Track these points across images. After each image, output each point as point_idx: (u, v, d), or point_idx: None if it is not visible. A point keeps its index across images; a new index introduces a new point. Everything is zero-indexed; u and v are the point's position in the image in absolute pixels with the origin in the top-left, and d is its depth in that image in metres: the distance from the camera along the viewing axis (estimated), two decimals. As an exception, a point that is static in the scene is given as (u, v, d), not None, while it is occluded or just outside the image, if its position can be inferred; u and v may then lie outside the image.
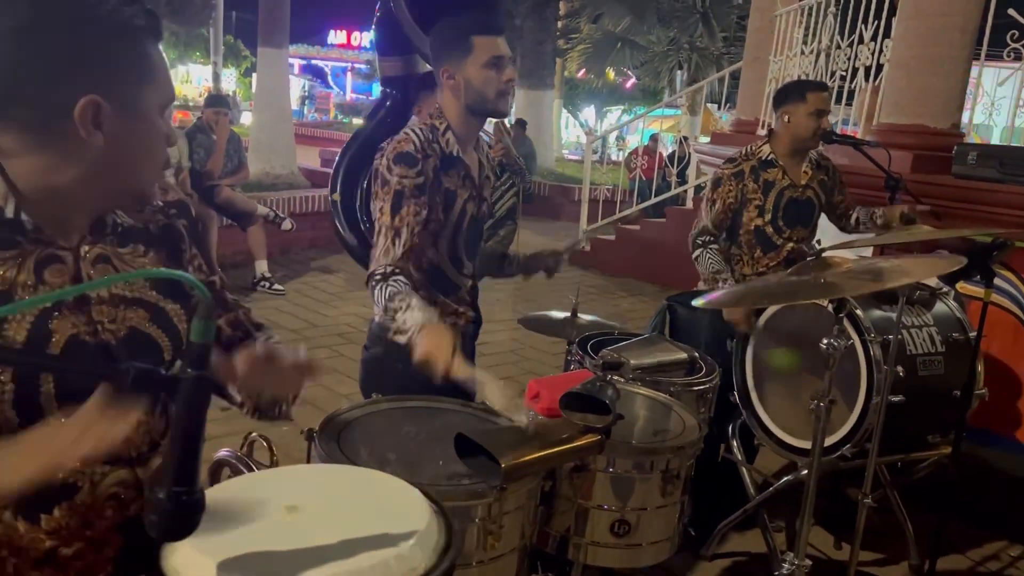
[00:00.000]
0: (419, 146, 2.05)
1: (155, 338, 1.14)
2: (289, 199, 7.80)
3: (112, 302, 1.11)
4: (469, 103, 2.07)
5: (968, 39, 4.17)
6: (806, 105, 3.05)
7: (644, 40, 16.23)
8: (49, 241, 1.06)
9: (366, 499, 1.21)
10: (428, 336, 1.78)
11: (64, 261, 1.07)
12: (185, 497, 0.82)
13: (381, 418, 1.81)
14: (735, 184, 3.11)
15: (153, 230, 1.21)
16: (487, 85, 2.03)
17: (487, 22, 2.05)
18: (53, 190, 1.04)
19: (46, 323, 1.04)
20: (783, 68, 6.10)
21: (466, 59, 2.03)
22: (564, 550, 1.91)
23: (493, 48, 2.02)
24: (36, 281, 1.04)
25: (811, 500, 2.10)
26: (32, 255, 1.04)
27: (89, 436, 0.88)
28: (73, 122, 0.99)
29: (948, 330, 2.79)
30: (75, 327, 1.06)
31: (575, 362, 2.52)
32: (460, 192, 2.13)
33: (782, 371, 2.84)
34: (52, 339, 1.04)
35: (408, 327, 1.83)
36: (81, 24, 0.99)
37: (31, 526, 1.04)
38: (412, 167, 2.02)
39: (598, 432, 1.63)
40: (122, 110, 1.02)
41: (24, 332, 1.02)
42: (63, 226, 1.08)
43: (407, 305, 1.87)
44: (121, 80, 1.02)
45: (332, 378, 4.64)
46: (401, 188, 2.01)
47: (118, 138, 1.03)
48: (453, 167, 2.11)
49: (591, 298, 6.67)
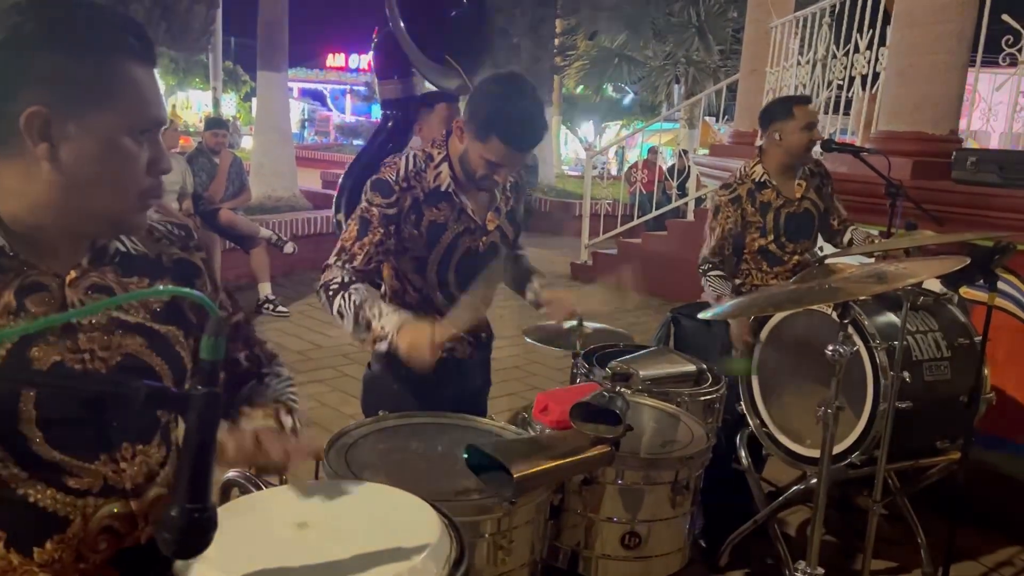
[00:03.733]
0: (401, 176, 2.04)
1: (152, 365, 1.12)
2: (291, 221, 7.83)
3: (106, 329, 1.09)
4: (462, 164, 2.06)
5: (964, 45, 4.20)
6: (795, 120, 3.06)
7: (641, 55, 16.34)
8: (32, 266, 1.05)
9: (376, 514, 1.21)
10: (407, 335, 1.82)
11: (48, 288, 1.05)
12: (197, 515, 0.82)
13: (388, 435, 1.81)
14: (733, 210, 3.12)
15: (166, 262, 1.20)
16: (478, 167, 2.01)
17: (514, 137, 1.96)
18: (22, 214, 1.03)
19: (25, 351, 1.02)
20: (780, 79, 6.14)
21: (475, 141, 1.98)
22: (575, 564, 1.90)
23: (501, 156, 1.97)
24: (17, 308, 1.02)
25: (821, 508, 2.09)
26: (14, 281, 1.03)
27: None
28: (20, 131, 0.98)
29: (953, 335, 2.79)
30: (60, 354, 1.04)
31: (581, 375, 2.52)
32: (452, 226, 2.09)
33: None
34: (32, 367, 1.02)
35: (387, 331, 1.85)
36: (40, 41, 0.98)
37: (24, 559, 1.03)
38: (386, 197, 2.02)
39: (609, 443, 1.63)
40: (79, 128, 1.00)
41: (0, 359, 1.00)
42: (48, 254, 1.06)
43: (379, 312, 1.90)
44: (77, 98, 1.00)
45: (337, 398, 4.64)
46: (368, 216, 2.03)
47: (75, 157, 1.01)
48: (441, 200, 2.07)
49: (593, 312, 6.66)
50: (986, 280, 2.51)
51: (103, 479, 1.07)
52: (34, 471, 1.02)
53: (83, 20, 1.01)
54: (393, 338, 1.84)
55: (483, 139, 1.96)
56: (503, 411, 2.53)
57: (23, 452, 1.01)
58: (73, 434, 1.04)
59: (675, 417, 2.15)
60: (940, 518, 2.85)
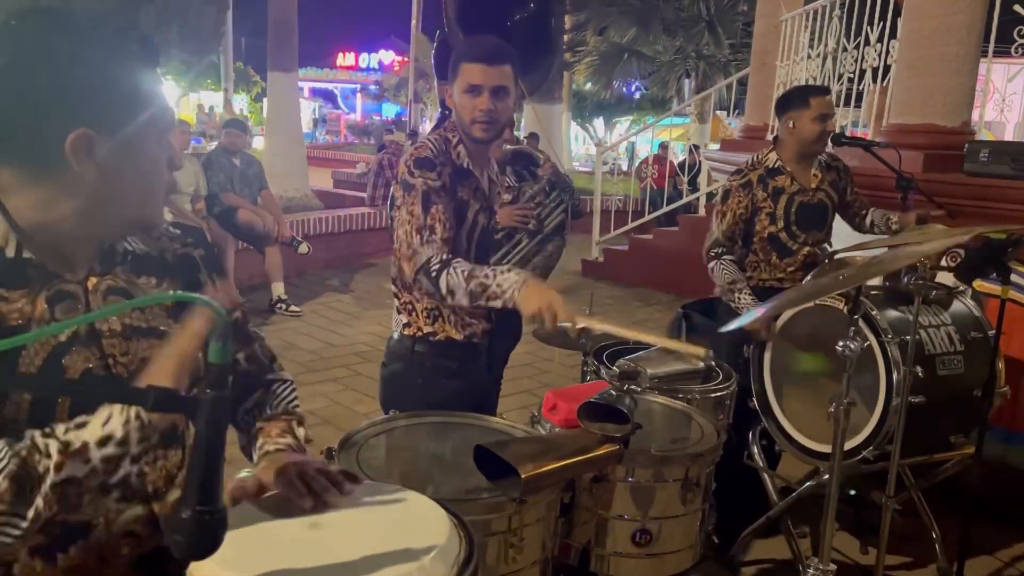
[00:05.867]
0: (435, 154, 2.10)
1: None
2: (304, 221, 7.86)
3: (124, 334, 1.10)
4: (458, 124, 2.14)
5: (975, 36, 4.17)
6: (810, 110, 3.05)
7: (651, 50, 16.27)
8: (56, 275, 1.06)
9: (386, 514, 1.22)
10: (532, 295, 1.82)
11: (75, 296, 1.07)
12: (208, 516, 0.83)
13: (399, 435, 1.82)
14: (744, 195, 3.11)
15: (170, 259, 1.21)
16: (464, 110, 2.09)
17: (475, 49, 2.11)
18: (52, 224, 1.03)
19: (59, 359, 1.04)
20: (790, 72, 6.10)
21: (454, 82, 2.11)
22: (586, 562, 1.90)
23: (474, 75, 2.06)
24: (50, 317, 1.04)
25: (834, 504, 2.08)
26: (43, 291, 1.04)
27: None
28: (67, 156, 0.99)
29: (966, 329, 2.77)
30: (88, 361, 1.06)
31: (591, 373, 2.52)
32: (472, 203, 2.16)
33: (810, 374, 2.82)
34: (65, 375, 1.04)
35: (506, 288, 1.86)
36: (71, 58, 0.99)
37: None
38: (432, 170, 2.06)
39: (617, 441, 1.64)
40: (117, 141, 1.02)
41: (36, 368, 1.01)
42: (67, 260, 1.08)
43: (493, 271, 1.91)
44: (114, 112, 1.02)
45: (350, 396, 4.66)
46: (427, 189, 2.04)
47: (114, 169, 1.02)
48: (465, 179, 2.15)
49: (605, 308, 6.66)
50: (999, 273, 2.49)
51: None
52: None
53: (97, 35, 1.02)
54: (515, 294, 1.85)
55: (456, 74, 2.08)
56: (514, 409, 2.55)
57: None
58: None
59: (685, 414, 2.15)
60: (954, 513, 2.83)
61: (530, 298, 1.83)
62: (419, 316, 2.18)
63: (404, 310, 2.21)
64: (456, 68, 2.09)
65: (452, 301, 1.97)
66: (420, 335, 2.19)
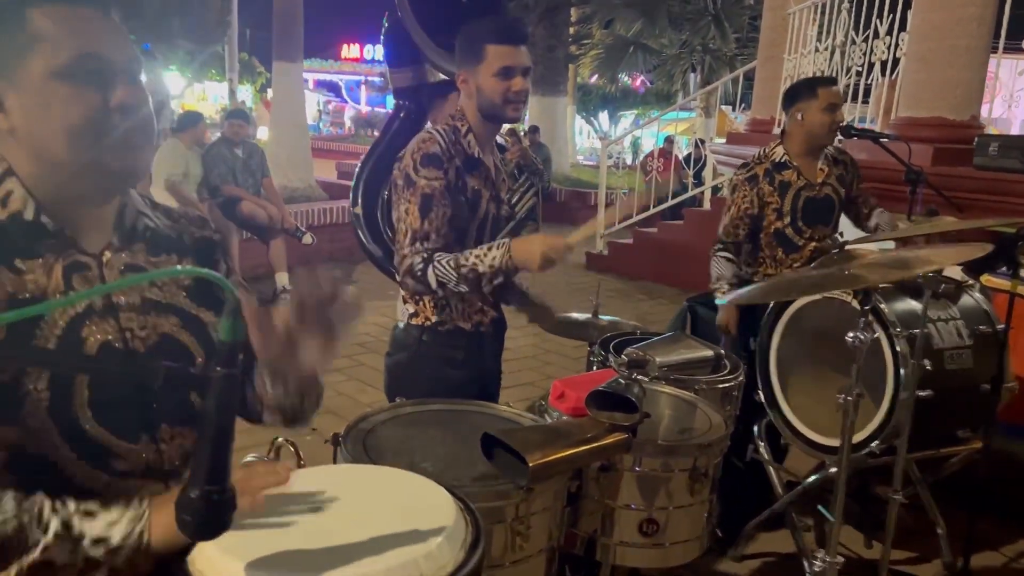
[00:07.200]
0: (444, 147, 2.07)
1: (188, 345, 1.14)
2: (308, 211, 7.85)
3: (142, 309, 1.11)
4: (481, 108, 2.10)
5: (985, 30, 4.14)
6: (818, 101, 3.02)
7: (656, 44, 16.21)
8: (72, 246, 1.07)
9: (392, 498, 1.21)
10: (525, 249, 1.92)
11: (89, 268, 1.08)
12: (216, 496, 0.83)
13: (406, 422, 1.81)
14: (750, 189, 3.09)
15: (188, 242, 1.22)
16: (495, 93, 2.06)
17: (502, 31, 2.07)
18: (31, 180, 1.05)
19: (78, 330, 1.04)
20: (797, 66, 6.07)
21: (479, 66, 2.06)
22: (592, 551, 1.90)
23: (505, 58, 2.04)
24: (66, 288, 1.05)
25: (841, 497, 2.07)
26: (59, 262, 1.05)
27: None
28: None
29: (975, 323, 2.75)
30: (106, 334, 1.06)
31: (597, 363, 2.51)
32: (483, 192, 2.14)
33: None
34: (84, 346, 1.04)
35: (497, 262, 1.93)
36: None
37: None
38: (438, 168, 2.04)
39: (625, 430, 1.62)
40: (11, 88, 1.02)
41: (55, 339, 1.02)
42: (84, 230, 1.08)
43: (474, 256, 1.95)
44: (3, 58, 1.02)
45: (354, 386, 4.66)
46: (430, 191, 2.02)
47: (22, 116, 1.02)
48: (476, 168, 2.13)
49: (610, 301, 6.66)
50: (1009, 267, 2.48)
51: (145, 461, 1.09)
52: (84, 453, 1.04)
53: None
54: (509, 262, 1.92)
55: (482, 57, 2.05)
56: (519, 400, 2.54)
57: (75, 433, 1.03)
58: (119, 414, 1.06)
59: (693, 404, 2.14)
60: (961, 508, 2.82)
61: (527, 253, 1.91)
62: (427, 306, 2.17)
63: (411, 300, 2.20)
64: (480, 52, 2.04)
65: (445, 292, 2.01)
66: (428, 324, 2.18)
